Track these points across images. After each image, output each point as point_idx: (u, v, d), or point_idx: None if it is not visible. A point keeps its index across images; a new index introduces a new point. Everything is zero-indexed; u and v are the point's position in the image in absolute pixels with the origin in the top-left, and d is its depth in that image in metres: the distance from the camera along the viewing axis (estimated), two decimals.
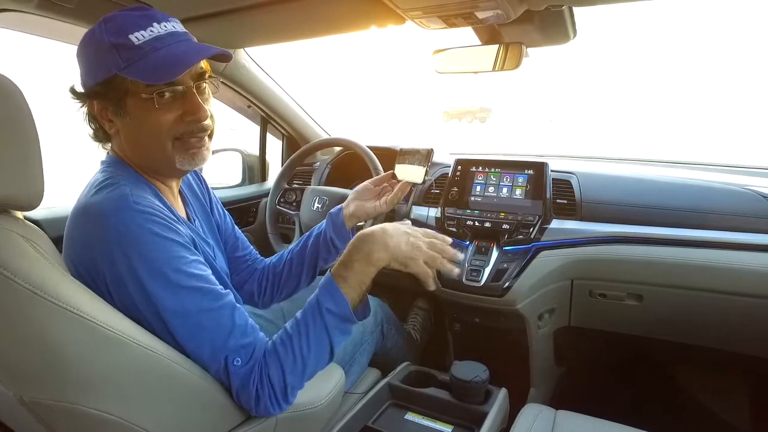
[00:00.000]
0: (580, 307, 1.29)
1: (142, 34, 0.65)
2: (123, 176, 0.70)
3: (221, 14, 1.11)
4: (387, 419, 0.97)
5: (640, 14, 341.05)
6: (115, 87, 0.67)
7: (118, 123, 0.70)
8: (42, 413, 0.55)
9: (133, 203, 0.64)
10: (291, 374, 0.69)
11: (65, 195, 0.72)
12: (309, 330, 0.70)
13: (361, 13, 1.04)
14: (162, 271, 0.62)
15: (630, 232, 1.15)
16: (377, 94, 46.97)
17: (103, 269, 0.62)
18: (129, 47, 0.64)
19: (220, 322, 0.67)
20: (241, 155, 1.86)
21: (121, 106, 0.68)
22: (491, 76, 1.11)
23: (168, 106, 0.68)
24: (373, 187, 0.99)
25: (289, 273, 0.99)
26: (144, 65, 0.64)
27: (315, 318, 0.71)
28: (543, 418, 0.86)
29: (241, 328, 0.68)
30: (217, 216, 0.96)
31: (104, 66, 0.65)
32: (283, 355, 0.69)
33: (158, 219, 0.65)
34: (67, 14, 0.99)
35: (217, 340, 0.66)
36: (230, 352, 0.67)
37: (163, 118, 0.68)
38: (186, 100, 0.69)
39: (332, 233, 0.96)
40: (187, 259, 0.66)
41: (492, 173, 1.33)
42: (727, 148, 10.09)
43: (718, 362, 1.39)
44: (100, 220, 0.63)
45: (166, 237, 0.64)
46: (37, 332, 0.51)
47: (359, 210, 0.97)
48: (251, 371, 0.68)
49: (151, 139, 0.70)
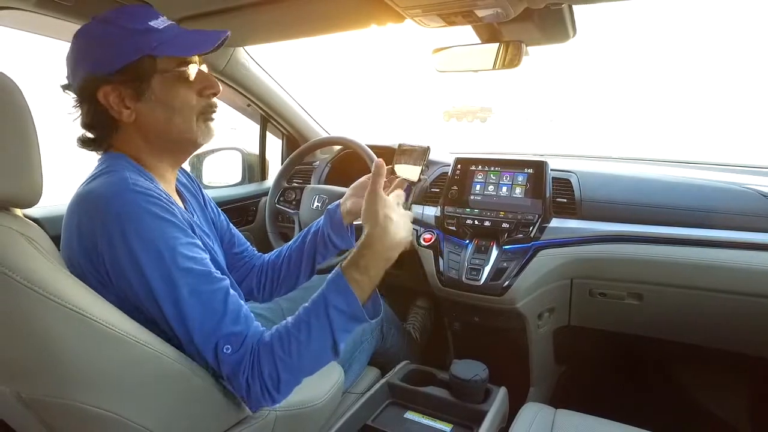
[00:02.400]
0: (580, 307, 1.29)
1: (158, 22, 0.71)
2: (122, 165, 0.70)
3: (220, 12, 1.11)
4: (386, 418, 0.98)
5: (641, 13, 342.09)
6: (141, 69, 0.69)
7: (139, 107, 0.71)
8: (40, 410, 0.55)
9: (132, 185, 0.64)
10: (285, 370, 0.67)
11: (65, 194, 0.72)
12: (311, 327, 0.68)
13: (360, 12, 1.04)
14: (158, 249, 0.62)
15: (630, 231, 1.15)
16: (377, 93, 47.08)
17: (103, 252, 0.62)
18: (155, 30, 0.70)
19: (212, 306, 0.66)
20: (240, 154, 1.86)
21: (144, 89, 0.70)
22: (491, 75, 1.11)
23: (191, 82, 0.73)
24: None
25: (288, 269, 1.00)
26: (176, 42, 0.70)
27: (319, 316, 0.68)
28: (542, 417, 0.86)
29: (233, 314, 0.67)
30: (212, 214, 0.96)
31: (131, 49, 0.68)
32: (279, 350, 0.67)
33: (157, 200, 0.65)
34: (65, 12, 0.99)
35: (207, 323, 0.65)
36: (221, 338, 0.65)
37: (190, 93, 0.74)
38: (201, 76, 0.75)
39: (330, 230, 0.96)
40: (183, 240, 0.66)
41: (492, 172, 1.33)
42: (727, 147, 10.09)
43: (718, 361, 1.39)
44: (99, 203, 0.63)
45: (164, 218, 0.64)
46: (35, 329, 0.51)
47: (356, 206, 0.96)
48: (241, 360, 0.66)
49: (179, 114, 0.73)
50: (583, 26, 0.99)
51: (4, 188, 0.53)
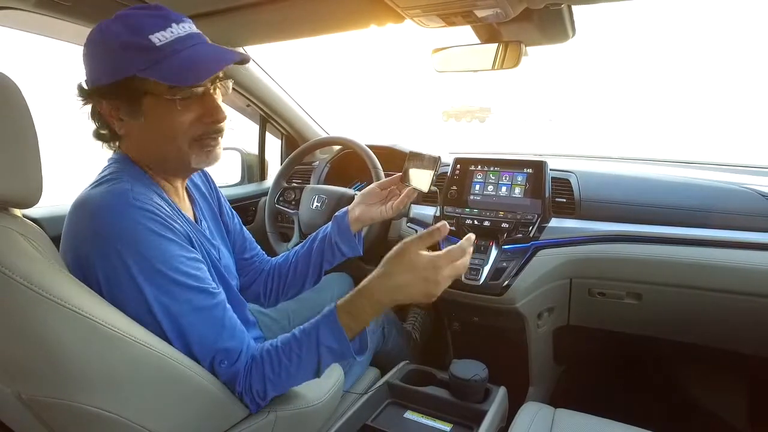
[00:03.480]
0: (579, 306, 1.29)
1: (163, 34, 0.64)
2: (127, 172, 0.69)
3: (220, 12, 1.11)
4: (386, 418, 0.97)
5: (640, 13, 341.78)
6: (132, 87, 0.65)
7: (131, 123, 0.69)
8: (40, 410, 0.55)
9: (132, 199, 0.63)
10: (273, 389, 0.72)
11: (65, 194, 0.72)
12: (301, 359, 0.71)
13: (360, 12, 1.04)
14: (156, 268, 0.62)
15: (629, 230, 1.15)
16: (376, 93, 47.08)
17: (96, 263, 0.61)
18: (150, 48, 0.63)
19: (210, 323, 0.68)
20: (240, 154, 1.86)
21: (135, 107, 0.67)
22: (490, 75, 1.11)
23: (187, 108, 0.67)
24: (380, 191, 0.97)
25: (294, 274, 0.99)
26: (167, 67, 0.63)
27: (310, 350, 0.71)
28: (542, 417, 0.86)
29: (229, 331, 0.69)
30: (227, 217, 0.95)
31: (122, 66, 0.63)
32: (269, 371, 0.70)
33: (155, 217, 0.64)
34: (64, 12, 0.99)
35: (205, 339, 0.67)
36: (217, 353, 0.68)
37: (183, 119, 0.67)
38: (205, 102, 0.69)
39: (337, 237, 0.95)
40: (182, 257, 0.66)
41: (491, 172, 1.33)
42: (725, 147, 10.09)
43: (716, 361, 1.39)
44: (96, 213, 0.62)
45: (162, 235, 0.64)
46: (35, 329, 0.51)
47: (365, 214, 0.96)
48: (237, 375, 0.70)
49: (168, 140, 0.69)
50: (582, 26, 0.99)
51: (4, 188, 0.53)
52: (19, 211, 0.61)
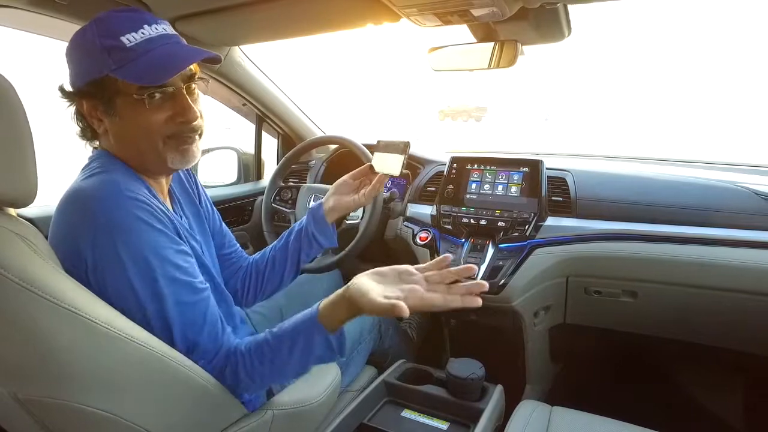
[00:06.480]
0: (576, 305, 1.30)
1: (134, 35, 0.66)
2: (114, 167, 0.70)
3: (216, 11, 1.11)
4: (383, 416, 0.98)
5: (636, 12, 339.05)
6: (105, 87, 0.67)
7: (108, 122, 0.70)
8: (36, 411, 0.55)
9: (124, 189, 0.64)
10: (245, 391, 0.73)
11: (60, 194, 0.72)
12: (291, 360, 0.71)
13: (356, 11, 1.04)
14: (145, 258, 0.63)
15: (625, 229, 1.16)
16: (372, 93, 47.09)
17: (85, 253, 0.62)
18: (120, 49, 0.65)
19: (193, 317, 0.68)
20: (236, 153, 1.85)
21: (111, 106, 0.68)
22: (487, 74, 1.11)
23: (158, 107, 0.69)
24: (352, 181, 1.00)
25: (272, 270, 1.00)
26: (135, 67, 0.65)
27: (302, 353, 0.71)
28: (538, 415, 0.87)
29: (211, 326, 0.70)
30: (206, 210, 0.96)
31: (95, 67, 0.66)
32: (243, 377, 0.71)
33: (147, 207, 0.65)
34: (60, 11, 0.98)
35: (188, 332, 0.68)
36: (198, 346, 0.69)
37: (154, 119, 0.69)
38: (176, 102, 0.70)
39: (313, 228, 0.98)
40: (171, 249, 0.67)
41: (487, 171, 1.33)
42: (721, 145, 10.14)
43: (713, 359, 1.40)
44: (88, 204, 0.63)
45: (152, 226, 0.65)
46: (31, 329, 0.51)
47: (338, 204, 0.99)
48: (223, 368, 0.71)
49: (142, 138, 0.70)
50: (578, 24, 0.99)
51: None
52: (14, 211, 0.61)
